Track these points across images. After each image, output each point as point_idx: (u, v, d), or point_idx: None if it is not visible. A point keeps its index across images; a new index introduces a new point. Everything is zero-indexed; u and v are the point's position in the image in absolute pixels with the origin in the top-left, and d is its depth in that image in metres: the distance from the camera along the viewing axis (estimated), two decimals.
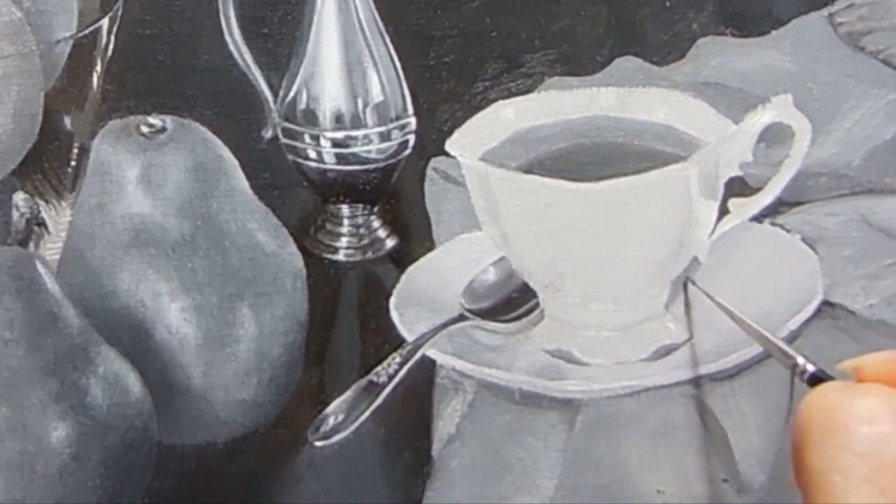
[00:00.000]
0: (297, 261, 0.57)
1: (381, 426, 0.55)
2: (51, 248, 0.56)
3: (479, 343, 0.58)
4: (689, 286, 0.58)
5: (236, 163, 0.56)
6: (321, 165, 0.64)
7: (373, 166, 0.64)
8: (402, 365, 0.55)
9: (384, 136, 0.63)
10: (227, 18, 0.62)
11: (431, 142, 0.62)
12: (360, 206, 0.65)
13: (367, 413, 0.54)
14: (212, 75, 0.62)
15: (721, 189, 0.57)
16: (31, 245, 0.54)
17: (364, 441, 0.54)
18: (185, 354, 0.54)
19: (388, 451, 0.56)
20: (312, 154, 0.64)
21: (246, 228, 0.55)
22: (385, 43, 0.63)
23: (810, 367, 0.46)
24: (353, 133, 0.63)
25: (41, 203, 0.58)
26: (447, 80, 0.63)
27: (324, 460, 0.54)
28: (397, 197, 0.64)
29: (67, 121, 0.59)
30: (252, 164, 0.57)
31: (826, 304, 0.57)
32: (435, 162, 0.64)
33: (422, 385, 0.57)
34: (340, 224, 0.65)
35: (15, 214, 0.54)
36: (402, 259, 0.63)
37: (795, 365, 0.46)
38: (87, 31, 0.58)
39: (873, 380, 0.44)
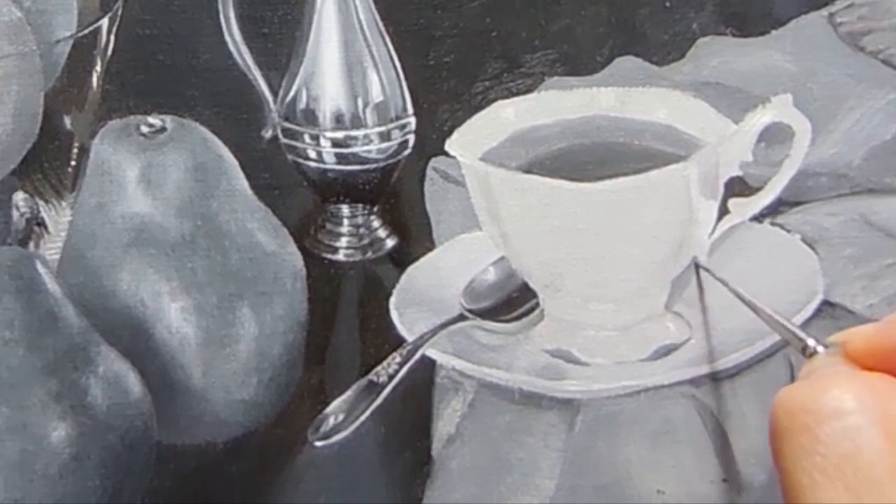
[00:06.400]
0: (297, 261, 0.57)
1: (381, 426, 0.55)
2: (51, 248, 0.56)
3: (479, 343, 0.58)
4: (702, 272, 0.57)
5: (236, 163, 0.56)
6: (321, 165, 0.64)
7: (373, 166, 0.64)
8: (402, 365, 0.55)
9: (384, 136, 0.63)
10: (227, 18, 0.62)
11: (431, 142, 0.62)
12: (360, 205, 0.65)
13: (367, 413, 0.54)
14: (212, 75, 0.62)
15: (721, 189, 0.57)
16: (31, 245, 0.54)
17: (364, 441, 0.54)
18: (185, 354, 0.54)
19: (388, 451, 0.56)
20: (312, 154, 0.64)
21: (246, 228, 0.55)
22: (385, 43, 0.63)
23: (820, 350, 0.46)
24: (353, 133, 0.63)
25: (41, 203, 0.58)
26: (447, 80, 0.63)
27: (324, 460, 0.54)
28: (397, 197, 0.64)
29: (67, 121, 0.59)
30: (252, 164, 0.57)
31: (826, 304, 0.57)
32: (435, 162, 0.64)
33: (422, 385, 0.57)
34: (340, 224, 0.65)
35: (15, 214, 0.54)
36: (402, 259, 0.63)
37: (806, 347, 0.46)
38: (87, 31, 0.58)
39: (859, 352, 0.43)
